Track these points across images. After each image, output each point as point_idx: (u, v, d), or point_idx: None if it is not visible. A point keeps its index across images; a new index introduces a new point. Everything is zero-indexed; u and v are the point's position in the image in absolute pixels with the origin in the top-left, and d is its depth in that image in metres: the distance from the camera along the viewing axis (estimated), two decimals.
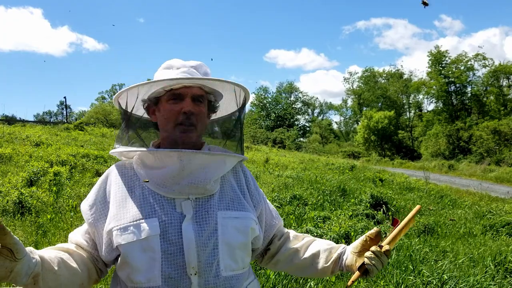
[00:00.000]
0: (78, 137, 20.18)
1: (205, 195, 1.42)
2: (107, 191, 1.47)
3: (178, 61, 1.53)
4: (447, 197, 12.95)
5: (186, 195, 1.40)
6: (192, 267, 1.33)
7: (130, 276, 1.35)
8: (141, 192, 1.42)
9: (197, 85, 1.48)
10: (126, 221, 1.36)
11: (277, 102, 66.18)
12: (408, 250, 5.98)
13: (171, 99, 1.47)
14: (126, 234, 1.34)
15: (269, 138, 49.96)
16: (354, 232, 6.52)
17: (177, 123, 1.45)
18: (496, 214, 9.43)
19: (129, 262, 1.34)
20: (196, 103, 1.48)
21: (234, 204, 1.46)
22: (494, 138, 37.65)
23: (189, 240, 1.33)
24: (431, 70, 48.79)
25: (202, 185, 1.40)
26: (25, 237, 5.13)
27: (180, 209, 1.38)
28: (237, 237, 1.41)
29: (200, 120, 1.48)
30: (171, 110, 1.46)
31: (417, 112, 57.19)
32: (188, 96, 1.46)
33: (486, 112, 45.53)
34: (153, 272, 1.32)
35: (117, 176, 1.49)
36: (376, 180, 14.73)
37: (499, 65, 46.73)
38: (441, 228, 8.32)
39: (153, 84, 1.45)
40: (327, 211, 8.26)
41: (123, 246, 1.34)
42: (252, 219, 1.48)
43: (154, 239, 1.33)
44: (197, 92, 1.48)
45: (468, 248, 6.80)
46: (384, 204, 9.39)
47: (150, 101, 1.53)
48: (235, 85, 1.52)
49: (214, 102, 1.58)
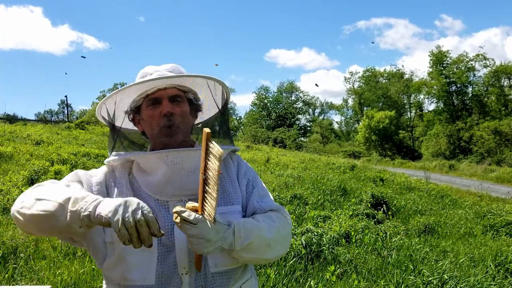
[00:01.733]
0: (79, 136, 20.18)
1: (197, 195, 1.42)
2: (109, 184, 1.47)
3: (151, 67, 1.54)
4: (448, 197, 12.95)
5: (179, 197, 1.41)
6: (183, 267, 1.34)
7: (125, 274, 1.34)
8: (138, 194, 1.42)
9: (171, 86, 1.48)
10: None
11: (278, 102, 66.15)
12: (409, 250, 5.97)
13: (150, 104, 1.48)
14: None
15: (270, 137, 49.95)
16: (354, 232, 6.52)
17: (160, 126, 1.45)
18: (497, 214, 9.42)
19: (125, 260, 1.34)
20: (175, 104, 1.47)
21: (221, 199, 1.46)
22: (495, 138, 37.62)
23: (181, 240, 1.34)
24: (432, 70, 48.76)
25: (195, 186, 1.38)
26: (25, 235, 5.13)
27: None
28: None
29: (183, 120, 1.48)
30: (151, 115, 1.47)
31: (418, 112, 57.16)
32: (164, 98, 1.46)
33: (487, 112, 45.50)
34: (149, 271, 1.33)
35: (118, 174, 1.49)
36: (376, 180, 14.73)
37: (500, 65, 46.70)
38: (442, 228, 8.31)
39: (124, 90, 1.46)
40: (328, 211, 8.26)
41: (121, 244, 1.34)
42: (238, 211, 1.47)
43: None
44: (174, 93, 1.48)
45: (469, 248, 6.79)
46: (385, 203, 9.39)
47: (132, 111, 1.54)
48: (207, 79, 1.52)
49: (195, 100, 1.57)
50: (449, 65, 47.46)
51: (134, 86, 1.45)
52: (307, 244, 5.32)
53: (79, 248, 4.97)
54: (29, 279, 4.10)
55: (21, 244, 4.93)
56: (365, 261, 5.36)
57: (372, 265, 5.21)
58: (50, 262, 4.49)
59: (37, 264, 4.41)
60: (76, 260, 4.65)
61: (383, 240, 6.34)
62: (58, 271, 4.20)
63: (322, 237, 5.70)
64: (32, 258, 4.61)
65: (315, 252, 5.27)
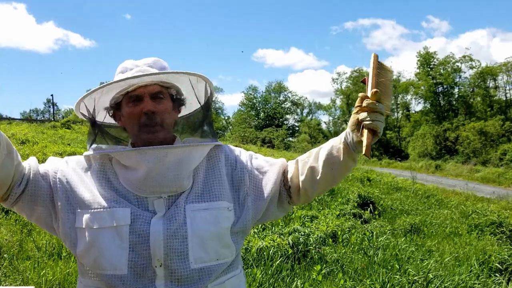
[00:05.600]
0: (65, 135, 19.98)
1: (177, 192, 1.40)
2: (81, 171, 1.46)
3: (130, 62, 1.50)
4: (434, 197, 13.08)
5: (158, 194, 1.39)
6: (157, 259, 1.32)
7: (97, 261, 1.33)
8: (116, 186, 1.41)
9: (152, 83, 1.45)
10: (99, 206, 1.36)
11: (266, 102, 66.24)
12: (394, 249, 6.02)
13: (130, 102, 1.44)
14: (98, 219, 1.34)
15: (258, 137, 49.95)
16: (341, 232, 6.55)
17: (140, 125, 1.42)
18: (481, 214, 9.55)
19: (96, 246, 1.33)
20: (157, 101, 1.44)
21: (203, 196, 1.43)
22: (481, 139, 38.15)
23: (156, 232, 1.33)
24: (420, 71, 49.25)
25: (175, 183, 1.38)
26: (9, 235, 5.07)
27: (153, 207, 1.38)
28: (208, 227, 1.38)
29: (165, 118, 1.45)
30: (131, 113, 1.43)
31: (405, 112, 57.67)
32: (146, 95, 1.43)
33: (473, 113, 46.12)
34: (120, 261, 1.32)
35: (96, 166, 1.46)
36: (364, 180, 14.83)
37: (486, 66, 47.34)
38: (428, 227, 8.40)
39: (103, 89, 1.43)
40: (315, 210, 8.29)
41: (92, 230, 1.33)
42: (224, 207, 1.43)
43: (124, 229, 1.33)
44: (155, 90, 1.44)
45: (454, 247, 6.88)
46: (371, 203, 9.46)
47: (112, 107, 1.51)
48: (189, 75, 1.49)
49: (177, 95, 1.54)
50: (436, 66, 47.98)
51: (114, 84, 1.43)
52: (294, 244, 5.34)
53: (64, 249, 4.92)
54: (13, 280, 4.05)
55: (5, 245, 4.87)
56: (352, 261, 5.39)
57: (358, 264, 5.24)
58: (34, 263, 4.44)
59: (21, 265, 4.36)
60: (61, 261, 4.60)
61: (369, 239, 6.38)
62: (43, 272, 4.15)
63: (309, 237, 5.72)
64: (16, 258, 4.55)
65: (302, 252, 5.29)
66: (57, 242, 5.08)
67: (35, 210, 1.41)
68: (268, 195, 1.51)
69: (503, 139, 38.28)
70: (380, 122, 1.32)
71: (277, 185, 1.53)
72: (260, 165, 1.57)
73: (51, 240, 5.15)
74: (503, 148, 34.93)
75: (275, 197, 1.53)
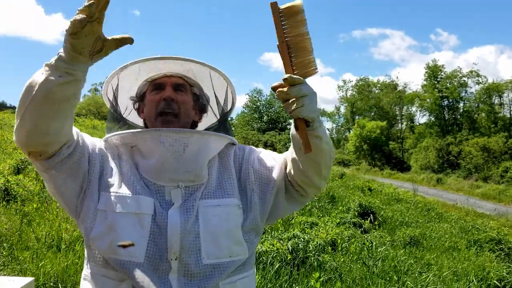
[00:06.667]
0: None
1: (195, 183, 1.40)
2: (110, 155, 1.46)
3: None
4: (434, 211, 13.05)
5: (175, 182, 1.38)
6: (174, 252, 1.32)
7: (115, 243, 1.31)
8: (139, 178, 1.41)
9: (177, 75, 1.50)
10: (124, 191, 1.36)
11: (270, 105, 66.24)
12: (393, 260, 6.00)
13: (153, 89, 1.49)
14: (122, 203, 1.34)
15: (261, 140, 49.88)
16: (340, 240, 6.53)
17: (158, 112, 1.44)
18: (481, 230, 9.51)
19: (116, 230, 1.32)
20: (178, 92, 1.48)
21: (216, 192, 1.43)
22: (483, 154, 38.06)
23: (174, 226, 1.32)
24: (427, 83, 49.23)
25: (192, 170, 1.38)
26: (9, 225, 5.07)
27: (169, 197, 1.37)
28: (220, 224, 1.38)
29: (183, 109, 1.47)
30: (152, 99, 1.47)
31: (409, 124, 57.59)
32: (168, 84, 1.48)
33: (477, 128, 46.02)
34: (138, 248, 1.31)
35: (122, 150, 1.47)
36: (365, 189, 14.80)
37: (492, 82, 47.28)
38: (427, 240, 8.37)
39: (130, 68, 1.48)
40: (315, 217, 8.27)
41: (114, 214, 1.33)
42: (235, 204, 1.43)
43: (146, 218, 1.33)
44: (178, 81, 1.50)
45: (453, 262, 6.84)
46: (372, 213, 9.43)
47: (138, 98, 1.56)
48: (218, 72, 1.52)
49: (200, 97, 1.57)
50: (443, 79, 47.95)
51: (141, 66, 1.47)
52: (293, 250, 5.32)
53: (63, 241, 4.91)
54: (11, 270, 4.04)
55: (4, 234, 4.86)
56: (350, 270, 5.37)
57: (357, 274, 5.22)
58: (33, 254, 4.43)
59: (20, 255, 4.35)
60: (60, 253, 4.59)
61: (368, 249, 6.36)
62: (41, 263, 4.14)
63: (309, 244, 5.70)
64: (15, 248, 4.55)
65: (301, 258, 5.27)
66: (57, 234, 5.08)
67: (67, 180, 1.37)
68: (272, 189, 1.49)
69: (506, 156, 38.18)
70: (302, 108, 1.22)
71: (280, 179, 1.50)
72: (264, 160, 1.55)
73: (51, 231, 5.15)
74: (505, 165, 34.83)
75: (280, 191, 1.50)
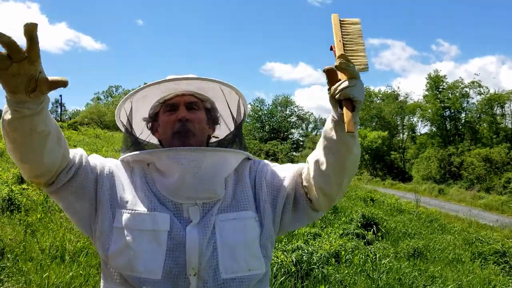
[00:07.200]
0: (72, 136, 20.05)
1: (212, 200, 1.40)
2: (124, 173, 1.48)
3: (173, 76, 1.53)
4: (437, 222, 13.00)
5: (193, 200, 1.39)
6: (192, 268, 1.31)
7: (132, 262, 1.32)
8: (155, 191, 1.42)
9: (189, 92, 1.51)
10: (140, 208, 1.37)
11: (272, 115, 66.30)
12: (398, 273, 5.97)
13: (167, 110, 1.51)
14: (138, 221, 1.35)
15: (262, 149, 49.86)
16: (344, 252, 6.50)
17: (174, 132, 1.46)
18: (485, 242, 9.47)
19: (133, 248, 1.33)
20: (192, 111, 1.50)
21: (232, 206, 1.43)
22: (485, 165, 37.95)
23: (193, 242, 1.33)
24: (428, 94, 49.24)
25: (210, 188, 1.39)
26: (13, 235, 5.06)
27: (187, 214, 1.38)
28: (237, 237, 1.38)
29: (198, 127, 1.49)
30: (167, 120, 1.49)
31: (411, 134, 57.54)
32: (181, 104, 1.49)
33: (479, 139, 45.93)
34: (156, 264, 1.32)
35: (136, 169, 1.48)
36: (367, 200, 14.75)
37: (494, 93, 47.26)
38: (430, 252, 8.33)
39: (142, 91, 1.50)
40: (318, 228, 8.24)
41: (132, 231, 1.34)
42: (252, 217, 1.44)
43: (163, 234, 1.34)
44: (191, 99, 1.51)
45: (457, 274, 6.81)
46: (375, 224, 9.39)
47: (151, 118, 1.58)
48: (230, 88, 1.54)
49: (212, 110, 1.58)
50: (445, 90, 47.98)
51: (152, 88, 1.49)
52: (297, 262, 5.30)
53: (67, 252, 4.90)
54: (16, 281, 4.03)
55: (8, 244, 4.86)
56: (355, 282, 5.34)
57: (361, 287, 5.19)
58: (37, 265, 4.42)
59: (24, 266, 4.34)
60: (64, 264, 4.58)
61: (372, 261, 6.33)
62: (45, 275, 4.13)
63: (313, 255, 5.68)
64: (19, 259, 4.54)
65: (305, 270, 5.25)
66: (61, 245, 5.07)
67: (76, 201, 1.39)
68: (282, 196, 1.48)
69: (508, 167, 38.06)
70: (353, 87, 1.22)
71: (291, 187, 1.49)
72: (277, 172, 1.55)
73: (55, 242, 5.14)
74: (508, 176, 34.71)
75: (288, 203, 1.49)
